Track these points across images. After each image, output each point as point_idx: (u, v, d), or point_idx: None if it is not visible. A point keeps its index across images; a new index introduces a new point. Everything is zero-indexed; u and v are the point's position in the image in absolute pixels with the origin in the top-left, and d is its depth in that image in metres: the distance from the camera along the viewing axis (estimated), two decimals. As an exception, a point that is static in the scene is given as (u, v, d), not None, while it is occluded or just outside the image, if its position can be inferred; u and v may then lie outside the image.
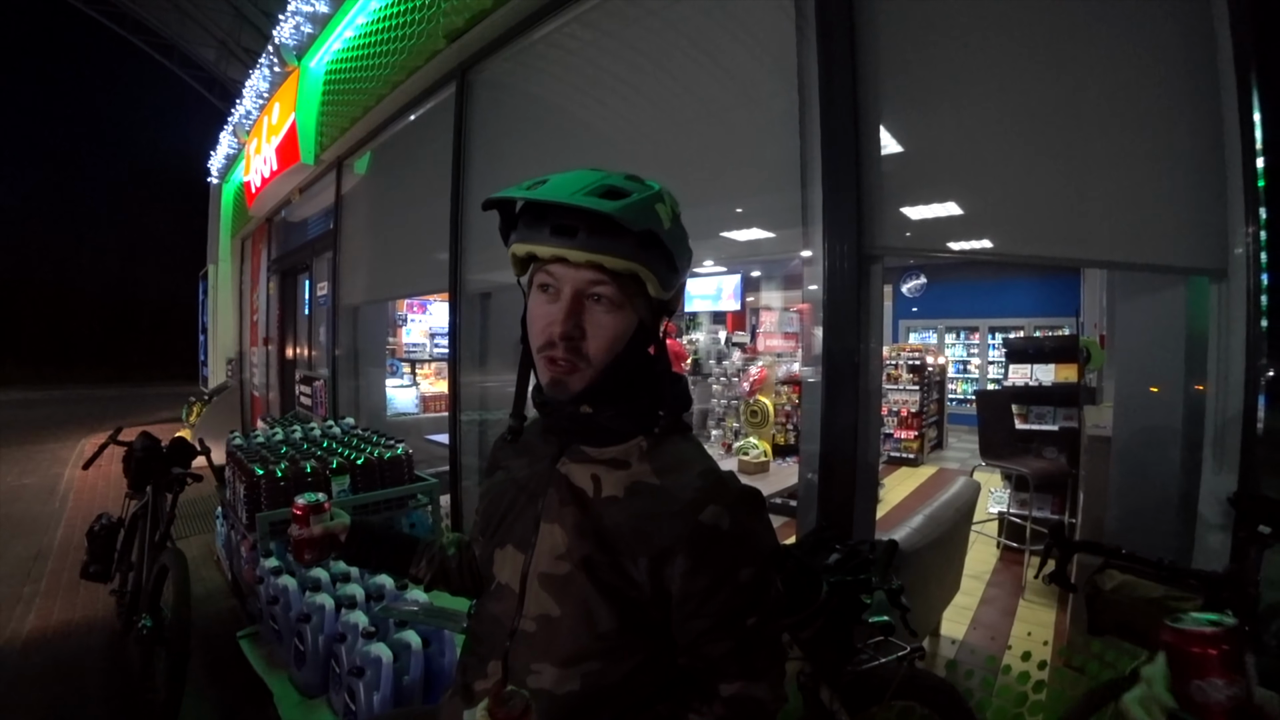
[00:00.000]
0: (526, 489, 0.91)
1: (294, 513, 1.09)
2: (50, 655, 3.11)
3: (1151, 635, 1.45)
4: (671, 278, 0.83)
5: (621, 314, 0.81)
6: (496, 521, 0.93)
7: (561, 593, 0.82)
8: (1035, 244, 2.10)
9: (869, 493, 2.04)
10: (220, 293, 10.23)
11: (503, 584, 0.89)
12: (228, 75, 17.59)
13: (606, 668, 0.81)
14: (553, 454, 0.90)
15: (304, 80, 5.39)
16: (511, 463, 0.97)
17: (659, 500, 0.80)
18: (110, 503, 5.50)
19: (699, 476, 0.81)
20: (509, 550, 0.89)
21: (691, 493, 0.79)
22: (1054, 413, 4.50)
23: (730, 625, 0.79)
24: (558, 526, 0.84)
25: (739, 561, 0.79)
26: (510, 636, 0.86)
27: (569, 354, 0.80)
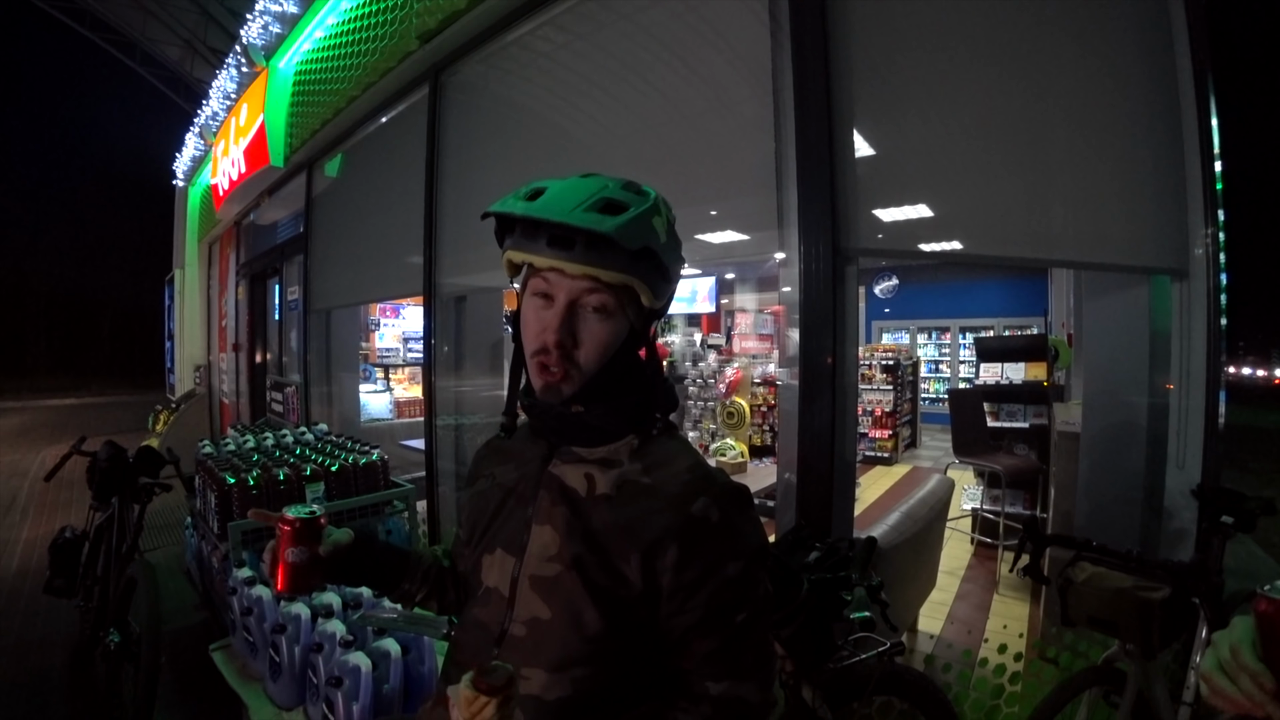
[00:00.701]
0: (515, 492, 0.90)
1: (281, 529, 0.88)
2: (11, 674, 3.01)
3: (1124, 622, 1.50)
4: (664, 287, 0.85)
5: (613, 322, 0.82)
6: (484, 527, 0.92)
7: (551, 594, 0.82)
8: (1003, 245, 2.16)
9: (846, 491, 2.07)
10: (187, 298, 10.00)
11: (491, 588, 0.88)
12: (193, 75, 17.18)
13: (596, 673, 0.81)
14: (542, 456, 0.89)
15: (273, 81, 5.29)
16: (495, 469, 0.96)
17: (650, 497, 0.81)
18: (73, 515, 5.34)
19: (687, 471, 0.82)
20: (498, 554, 0.88)
21: (680, 486, 0.80)
22: (1024, 410, 4.60)
23: (717, 621, 0.79)
24: (549, 528, 0.84)
25: (726, 555, 0.79)
26: (498, 642, 0.85)
27: (562, 360, 0.81)
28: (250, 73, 5.85)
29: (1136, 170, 2.08)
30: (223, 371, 8.86)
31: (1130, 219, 2.09)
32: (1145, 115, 2.07)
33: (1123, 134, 2.08)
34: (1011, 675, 2.04)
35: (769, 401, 5.75)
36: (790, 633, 1.38)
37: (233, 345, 8.28)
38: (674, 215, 0.87)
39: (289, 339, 6.25)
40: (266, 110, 5.32)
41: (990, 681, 2.04)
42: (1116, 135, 2.07)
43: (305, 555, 0.88)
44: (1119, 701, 1.59)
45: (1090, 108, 2.06)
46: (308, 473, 2.85)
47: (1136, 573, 1.55)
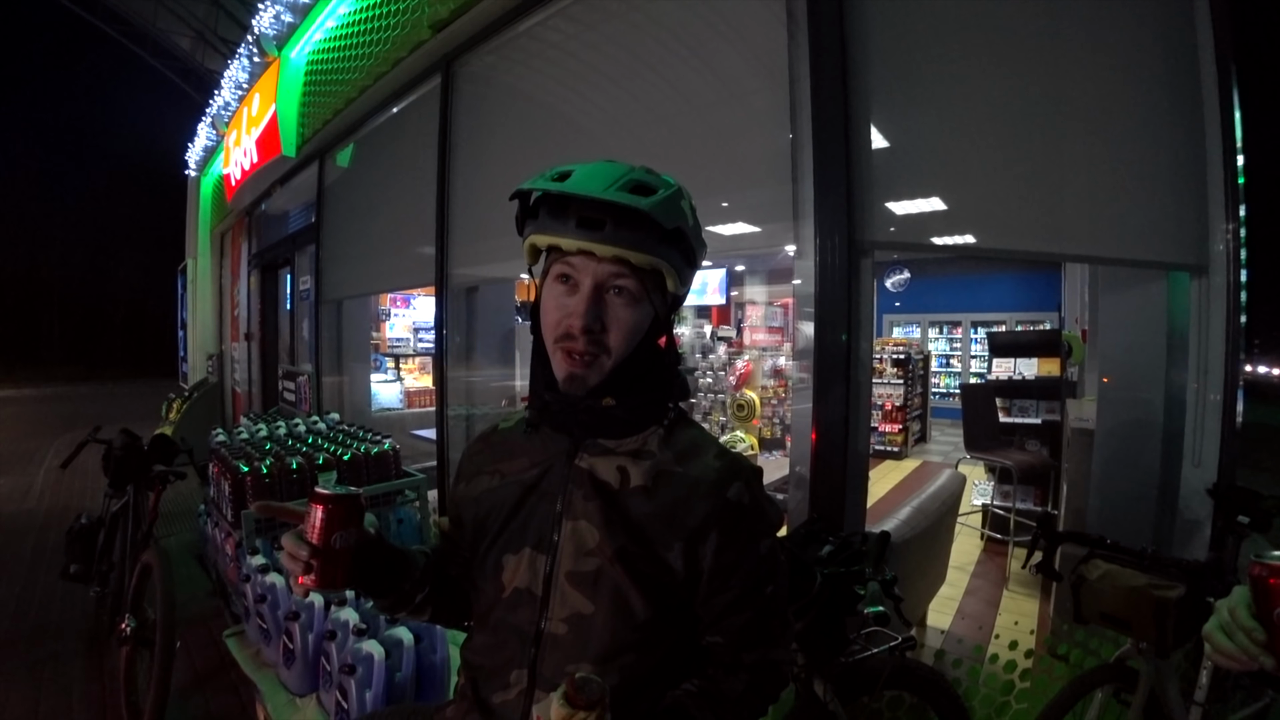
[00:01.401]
0: (538, 489, 0.87)
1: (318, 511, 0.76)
2: (30, 659, 3.05)
3: (1137, 620, 1.49)
4: (688, 273, 0.85)
5: (640, 308, 0.82)
6: (499, 527, 0.89)
7: (593, 589, 0.81)
8: (1018, 239, 2.14)
9: (859, 485, 2.06)
10: (199, 287, 10.05)
11: (520, 589, 0.85)
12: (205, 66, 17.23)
13: (642, 658, 0.83)
14: (566, 450, 0.87)
15: (284, 71, 5.30)
16: (502, 466, 0.92)
17: (685, 485, 0.82)
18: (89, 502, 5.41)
19: (716, 458, 0.85)
20: (526, 554, 0.85)
21: (714, 474, 0.83)
22: (1036, 406, 4.57)
23: (752, 595, 0.84)
24: (584, 523, 0.83)
25: (758, 533, 0.84)
26: (536, 643, 0.83)
27: (590, 346, 0.80)
28: (262, 63, 5.85)
29: (1155, 163, 2.05)
30: (235, 360, 8.92)
31: (1148, 213, 2.07)
32: (1165, 107, 2.04)
33: (1141, 126, 2.05)
34: (1022, 672, 2.04)
35: (779, 394, 5.74)
36: (803, 626, 1.38)
37: (245, 334, 8.33)
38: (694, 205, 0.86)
39: (300, 328, 6.28)
40: (278, 100, 5.32)
41: (1000, 678, 2.04)
42: (1135, 127, 2.05)
43: (352, 539, 0.77)
44: (1130, 700, 1.58)
45: (1108, 99, 2.03)
46: (320, 462, 2.87)
47: (1151, 571, 1.54)
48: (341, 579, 0.77)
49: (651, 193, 0.76)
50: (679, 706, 0.81)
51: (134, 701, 2.48)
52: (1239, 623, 0.76)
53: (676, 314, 0.89)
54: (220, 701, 2.63)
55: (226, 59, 7.93)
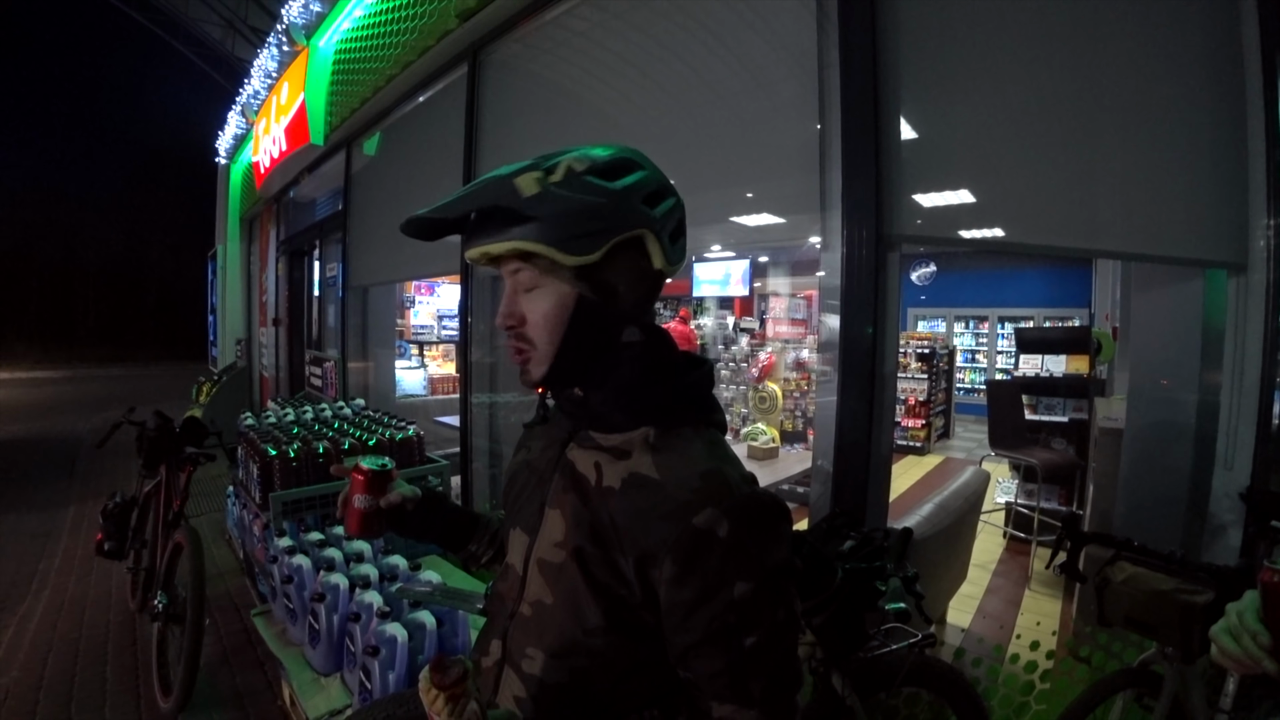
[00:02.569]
0: (537, 471, 0.90)
1: (355, 478, 1.00)
2: (67, 631, 3.16)
3: (1162, 625, 1.47)
4: (583, 241, 0.74)
5: (542, 292, 0.79)
6: (511, 502, 0.94)
7: (555, 581, 0.80)
8: (1049, 234, 2.09)
9: (882, 481, 2.05)
10: (229, 273, 10.23)
11: (510, 564, 0.89)
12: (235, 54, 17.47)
13: (594, 666, 0.78)
14: (563, 438, 0.87)
15: (313, 60, 5.35)
16: (532, 444, 0.96)
17: (653, 496, 0.74)
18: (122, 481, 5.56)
19: (700, 476, 0.73)
20: (518, 532, 0.89)
21: (688, 493, 0.72)
22: (1064, 404, 4.50)
23: (722, 643, 0.71)
24: (559, 513, 0.81)
25: (732, 574, 0.70)
26: (510, 618, 0.86)
27: (515, 340, 0.83)
28: (291, 51, 5.92)
29: (1193, 158, 1.99)
30: (263, 345, 9.08)
31: (1185, 209, 2.01)
32: (1205, 99, 1.98)
33: (1180, 119, 1.99)
34: (1042, 673, 2.02)
35: (802, 387, 5.71)
36: (822, 621, 1.38)
37: (273, 320, 8.47)
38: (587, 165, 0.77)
39: (327, 315, 6.37)
40: (307, 89, 5.38)
41: (1020, 678, 2.02)
42: (1173, 120, 1.99)
43: (371, 503, 0.99)
44: (1153, 705, 1.56)
45: (1146, 90, 1.98)
46: (346, 446, 2.92)
47: (1179, 575, 1.51)
48: (365, 530, 1.00)
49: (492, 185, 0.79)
50: None
51: (165, 675, 2.55)
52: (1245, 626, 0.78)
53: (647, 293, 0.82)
54: (247, 678, 2.70)
55: (256, 48, 8.02)
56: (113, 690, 2.66)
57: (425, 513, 1.06)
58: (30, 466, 6.90)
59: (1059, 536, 1.70)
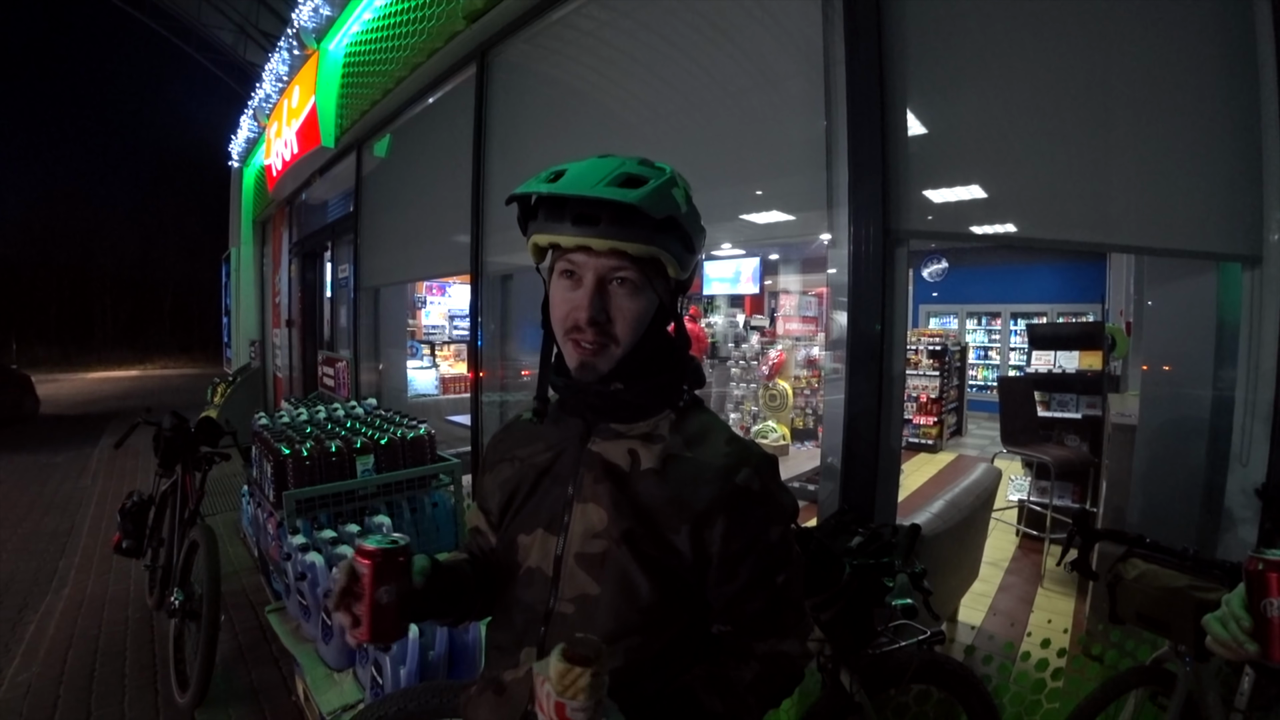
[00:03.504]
0: (551, 472, 0.90)
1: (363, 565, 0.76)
2: (87, 627, 3.21)
3: (1175, 622, 1.45)
4: (688, 258, 0.86)
5: (643, 296, 0.83)
6: (516, 508, 0.93)
7: (600, 570, 0.83)
8: (1061, 228, 2.07)
9: (891, 477, 2.04)
10: (242, 275, 10.34)
11: (533, 569, 0.88)
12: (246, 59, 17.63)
13: (648, 640, 0.84)
14: (579, 434, 0.90)
15: (323, 63, 5.40)
16: (519, 451, 0.96)
17: (695, 467, 0.84)
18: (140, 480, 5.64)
19: (726, 444, 0.85)
20: (538, 535, 0.89)
21: (723, 459, 0.83)
22: (1077, 400, 4.45)
23: (763, 584, 0.84)
24: (593, 505, 0.85)
25: (769, 520, 0.84)
26: (545, 621, 0.86)
27: (598, 337, 0.82)
28: (301, 55, 5.97)
29: (1208, 149, 1.97)
30: (276, 346, 9.17)
31: (1199, 201, 1.98)
32: (1220, 90, 1.95)
33: (1194, 110, 1.96)
34: (1054, 671, 2.00)
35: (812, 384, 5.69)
36: (830, 617, 1.38)
37: (286, 321, 8.55)
38: (690, 190, 0.87)
39: (339, 316, 6.42)
40: (317, 92, 5.43)
41: (1031, 676, 2.01)
42: (1187, 111, 1.96)
43: (395, 593, 0.77)
44: (1167, 704, 1.55)
45: (1159, 81, 1.95)
46: (358, 445, 2.95)
47: (1192, 572, 1.50)
48: (391, 630, 0.78)
49: (642, 183, 0.78)
50: (686, 689, 0.82)
51: (181, 670, 2.59)
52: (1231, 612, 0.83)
53: (683, 299, 0.90)
54: (262, 673, 2.74)
55: (267, 52, 8.09)
56: (131, 685, 2.70)
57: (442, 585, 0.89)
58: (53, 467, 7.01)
59: (1070, 533, 1.68)
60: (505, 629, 0.91)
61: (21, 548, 4.44)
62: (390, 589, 0.77)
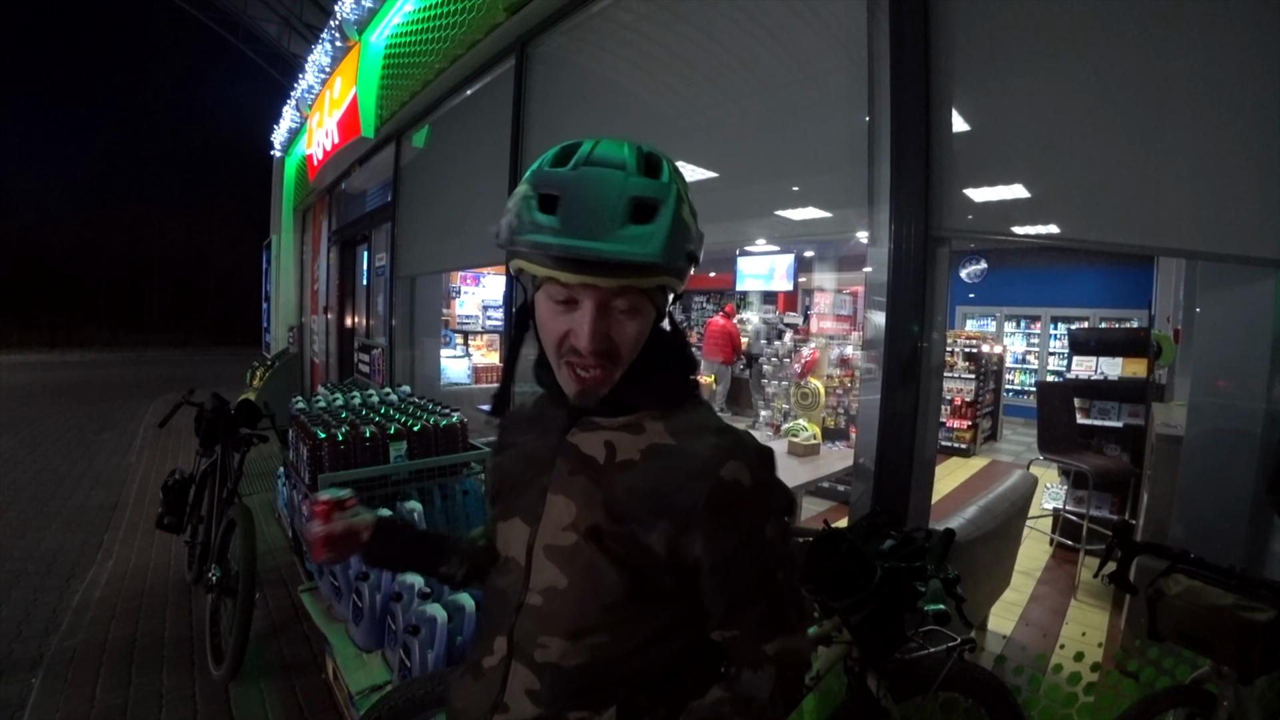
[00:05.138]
0: (534, 461, 0.88)
1: (314, 509, 1.00)
2: (130, 599, 3.33)
3: (1219, 642, 1.41)
4: (689, 269, 0.81)
5: (643, 317, 0.79)
6: (505, 495, 0.92)
7: (568, 563, 0.81)
8: (1108, 230, 2.00)
9: (925, 481, 2.01)
10: (282, 262, 10.58)
11: (510, 557, 0.88)
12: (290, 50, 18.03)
13: (614, 641, 0.81)
14: (562, 424, 0.87)
15: (365, 55, 5.47)
16: (520, 438, 0.95)
17: (678, 459, 0.79)
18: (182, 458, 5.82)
19: (715, 434, 0.80)
20: (516, 523, 0.88)
21: (710, 450, 0.78)
22: (1119, 408, 4.32)
23: (766, 584, 0.79)
24: (563, 497, 0.83)
25: (764, 517, 0.79)
26: (516, 611, 0.85)
27: (598, 364, 0.78)
28: (343, 47, 6.06)
29: (1267, 150, 1.88)
30: (314, 332, 9.37)
31: (1257, 204, 1.90)
32: None
33: (1252, 108, 1.88)
34: (1086, 685, 1.95)
35: (845, 384, 5.62)
36: (860, 620, 1.37)
37: (324, 308, 8.73)
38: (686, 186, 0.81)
39: (376, 304, 6.53)
40: (358, 83, 5.51)
41: (1063, 689, 1.96)
42: (1245, 109, 1.88)
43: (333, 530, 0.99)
44: (1205, 727, 1.50)
45: (1216, 78, 1.87)
46: (392, 431, 2.99)
47: (1238, 591, 1.44)
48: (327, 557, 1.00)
49: (652, 212, 0.72)
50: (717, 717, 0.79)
51: (217, 644, 2.67)
52: None
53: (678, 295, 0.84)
54: (294, 650, 2.81)
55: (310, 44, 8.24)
56: (170, 656, 2.79)
57: (385, 539, 1.01)
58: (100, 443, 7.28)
59: (1109, 545, 1.64)
60: (486, 615, 0.93)
61: (70, 520, 4.62)
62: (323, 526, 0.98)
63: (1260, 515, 2.01)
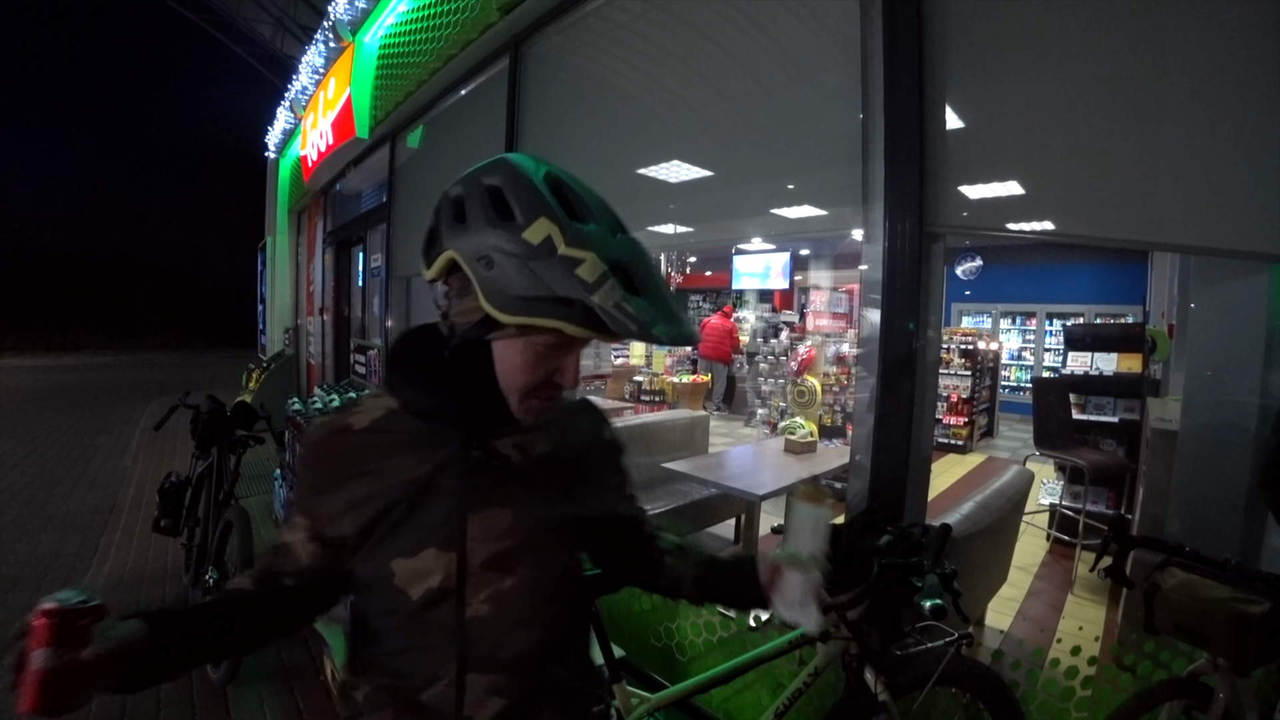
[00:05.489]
0: (433, 487, 0.83)
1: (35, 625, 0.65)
2: (127, 602, 3.32)
3: (1215, 635, 1.41)
4: None
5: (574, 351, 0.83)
6: (392, 527, 0.83)
7: (516, 562, 0.85)
8: (1104, 226, 2.01)
9: (921, 477, 2.01)
10: (278, 264, 10.55)
11: (433, 589, 0.82)
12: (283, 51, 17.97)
13: (563, 611, 0.92)
14: (460, 441, 0.84)
15: (358, 55, 5.47)
16: (378, 466, 0.84)
17: (577, 439, 0.94)
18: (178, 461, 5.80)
19: (584, 410, 0.99)
20: (428, 555, 0.82)
21: (591, 423, 0.98)
22: (1114, 404, 4.34)
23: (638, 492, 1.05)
24: (494, 509, 0.84)
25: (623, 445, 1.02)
26: (460, 631, 0.83)
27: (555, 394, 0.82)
28: (337, 48, 6.06)
29: (1261, 144, 1.89)
30: (310, 334, 9.35)
31: (1252, 199, 1.91)
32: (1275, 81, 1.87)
33: (1248, 102, 1.89)
34: (1084, 679, 1.96)
35: (841, 381, 5.63)
36: (857, 615, 1.37)
37: (319, 309, 8.71)
38: None
39: (372, 304, 6.52)
40: (353, 84, 5.50)
41: (1060, 683, 1.97)
42: (1240, 103, 1.89)
43: (61, 658, 0.65)
44: (1202, 718, 1.51)
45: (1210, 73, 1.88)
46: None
47: (1234, 584, 1.45)
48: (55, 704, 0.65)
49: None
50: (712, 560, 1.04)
51: (216, 648, 2.67)
52: None
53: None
54: (292, 653, 2.80)
55: (304, 45, 8.22)
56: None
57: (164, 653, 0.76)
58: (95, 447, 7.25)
59: (1105, 539, 1.64)
60: (412, 655, 0.85)
61: (67, 524, 4.60)
62: (55, 653, 0.65)
63: (1255, 509, 2.01)
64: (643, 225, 2.97)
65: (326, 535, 0.85)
